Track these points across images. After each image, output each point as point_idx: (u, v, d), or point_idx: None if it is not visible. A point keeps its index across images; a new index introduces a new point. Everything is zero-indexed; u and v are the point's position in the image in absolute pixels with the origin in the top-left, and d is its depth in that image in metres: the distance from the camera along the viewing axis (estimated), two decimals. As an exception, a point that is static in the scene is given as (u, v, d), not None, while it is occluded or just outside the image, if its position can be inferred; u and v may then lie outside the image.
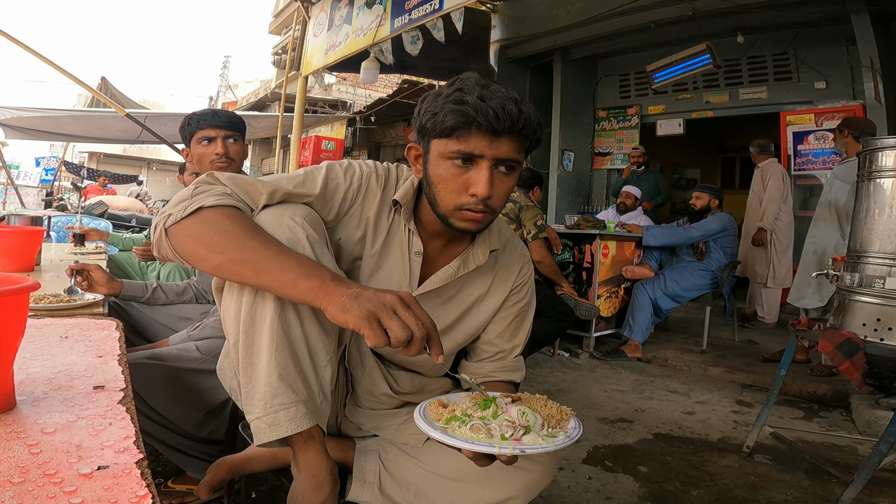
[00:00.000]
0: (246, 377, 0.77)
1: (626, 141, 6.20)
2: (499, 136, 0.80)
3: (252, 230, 0.76)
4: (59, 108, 9.32)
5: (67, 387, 0.67)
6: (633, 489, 1.79)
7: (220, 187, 0.81)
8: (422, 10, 3.71)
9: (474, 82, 0.82)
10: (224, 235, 0.75)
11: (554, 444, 0.70)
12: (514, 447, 0.69)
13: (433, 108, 0.83)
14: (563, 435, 0.74)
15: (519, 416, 0.74)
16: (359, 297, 0.68)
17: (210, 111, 1.71)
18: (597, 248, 3.58)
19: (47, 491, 0.43)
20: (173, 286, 1.69)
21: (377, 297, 0.68)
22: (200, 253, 0.75)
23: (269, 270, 0.72)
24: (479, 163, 0.82)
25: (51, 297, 1.23)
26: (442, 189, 0.85)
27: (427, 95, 0.87)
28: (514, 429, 0.72)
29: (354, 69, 4.99)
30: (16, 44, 4.14)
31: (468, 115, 0.78)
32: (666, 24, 4.86)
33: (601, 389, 2.89)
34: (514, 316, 1.05)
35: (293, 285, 0.71)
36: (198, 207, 0.76)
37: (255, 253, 0.72)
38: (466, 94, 0.80)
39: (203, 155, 1.67)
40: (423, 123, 0.84)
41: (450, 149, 0.82)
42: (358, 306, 0.67)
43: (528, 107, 0.82)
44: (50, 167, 12.64)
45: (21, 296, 0.57)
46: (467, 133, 0.80)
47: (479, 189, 0.82)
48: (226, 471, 0.96)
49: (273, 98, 11.22)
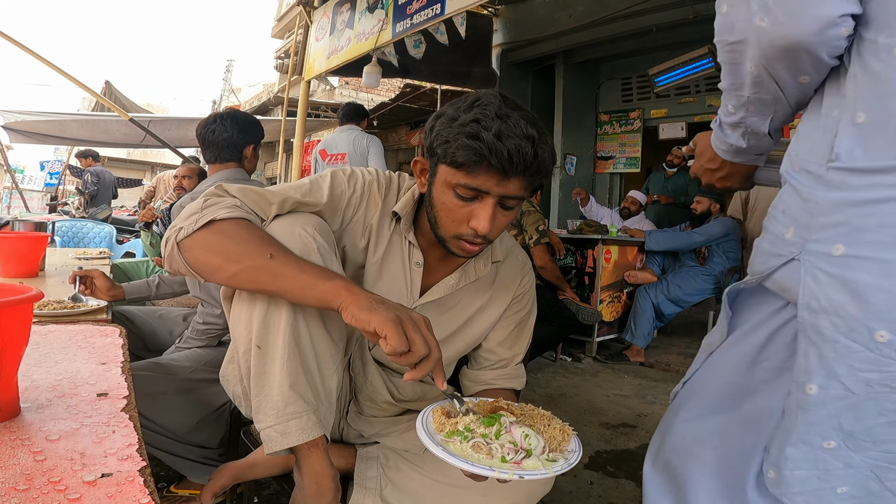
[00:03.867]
0: (258, 386, 0.77)
1: (629, 145, 6.19)
2: (508, 176, 0.79)
3: (266, 239, 0.77)
4: (64, 112, 9.36)
5: (71, 394, 0.68)
6: (635, 494, 1.79)
7: (230, 199, 0.82)
8: (423, 15, 3.73)
9: (494, 113, 0.77)
10: (240, 245, 0.75)
11: (553, 471, 0.70)
12: (512, 472, 0.68)
13: (446, 135, 0.79)
14: (563, 460, 0.73)
15: (522, 438, 0.74)
16: (386, 303, 0.71)
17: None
18: (599, 252, 3.58)
19: (52, 498, 0.44)
20: (176, 276, 1.70)
21: (405, 310, 0.72)
22: (216, 263, 0.76)
23: (287, 275, 0.73)
24: (483, 198, 0.81)
25: (55, 304, 1.24)
26: (443, 216, 0.85)
27: (442, 114, 0.83)
28: (515, 452, 0.72)
29: (357, 73, 5.00)
30: (21, 48, 4.17)
31: (481, 153, 0.76)
32: (668, 27, 4.86)
33: (603, 394, 2.89)
34: (515, 325, 1.06)
35: (312, 287, 0.72)
36: (209, 220, 0.77)
37: (274, 259, 0.74)
38: (483, 127, 0.76)
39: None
40: (433, 146, 0.82)
41: (457, 180, 0.80)
42: (386, 309, 0.70)
43: (543, 148, 0.79)
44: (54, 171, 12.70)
45: (25, 306, 0.58)
46: (477, 169, 0.78)
47: (479, 225, 0.82)
48: (228, 477, 0.97)
49: (276, 102, 11.26)
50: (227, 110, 1.76)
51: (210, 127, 1.64)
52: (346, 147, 3.90)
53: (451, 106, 0.83)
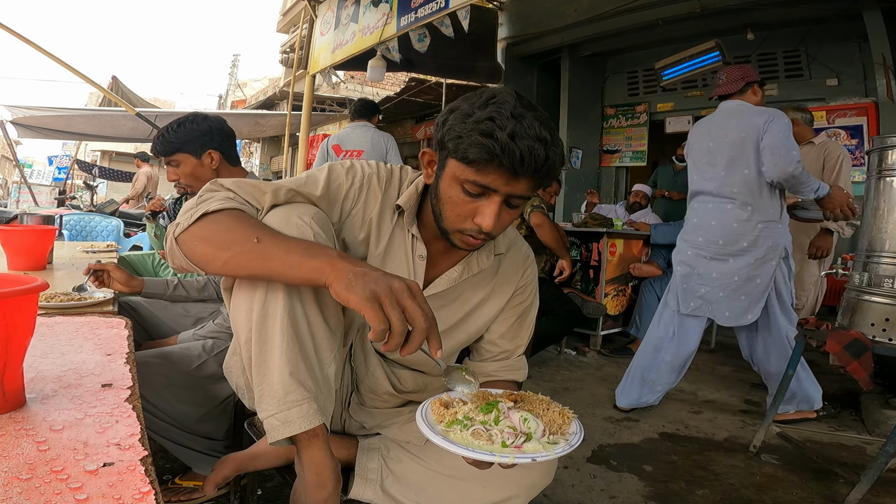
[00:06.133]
0: (259, 375, 0.77)
1: (635, 138, 6.16)
2: (518, 176, 0.79)
3: (255, 225, 0.77)
4: (71, 107, 9.42)
5: (76, 384, 0.69)
6: (638, 488, 1.79)
7: (224, 192, 0.83)
8: (428, 9, 3.71)
9: (509, 112, 0.77)
10: (230, 231, 0.76)
11: (554, 453, 0.70)
12: (514, 456, 0.69)
13: (459, 130, 0.79)
14: (564, 442, 0.74)
15: (521, 422, 0.74)
16: (365, 277, 0.67)
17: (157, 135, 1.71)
18: (604, 246, 3.57)
19: (53, 487, 0.44)
20: (193, 282, 1.71)
21: (385, 280, 0.68)
22: (210, 253, 0.77)
23: (274, 256, 0.72)
24: (490, 196, 0.82)
25: (62, 296, 1.25)
26: (449, 210, 0.86)
27: (456, 108, 0.83)
28: (515, 436, 0.72)
29: (361, 67, 4.99)
30: (28, 44, 4.20)
31: (493, 152, 0.76)
32: (674, 20, 4.81)
33: (608, 388, 2.89)
34: (516, 317, 1.06)
35: (299, 265, 0.71)
36: (203, 213, 0.78)
37: (261, 242, 0.73)
38: (497, 126, 0.76)
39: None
40: (445, 140, 0.83)
41: (466, 176, 0.81)
42: (363, 286, 0.66)
43: (555, 151, 0.79)
44: (63, 166, 12.78)
45: (30, 296, 0.59)
46: (487, 167, 0.79)
47: (484, 222, 0.82)
48: (231, 468, 0.98)
49: (282, 96, 11.26)
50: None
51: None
52: (364, 145, 3.89)
53: (465, 101, 0.83)
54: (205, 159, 1.70)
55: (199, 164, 1.70)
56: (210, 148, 1.70)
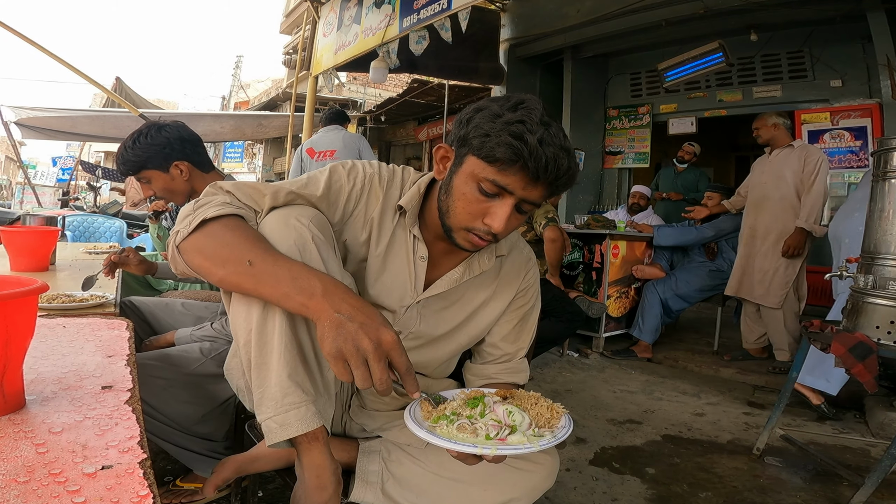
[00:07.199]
0: (258, 378, 0.77)
1: (638, 140, 6.15)
2: (537, 182, 0.80)
3: (252, 240, 0.76)
4: (75, 108, 9.46)
5: (76, 386, 0.68)
6: (640, 491, 1.78)
7: (222, 196, 0.83)
8: (430, 10, 3.72)
9: (538, 118, 0.79)
10: (226, 248, 0.76)
11: (538, 445, 0.70)
12: (496, 447, 0.69)
13: (488, 129, 0.80)
14: (550, 434, 0.74)
15: (505, 415, 0.75)
16: (340, 328, 0.68)
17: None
18: (607, 247, 3.56)
19: (51, 490, 0.44)
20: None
21: (356, 337, 0.67)
22: (207, 267, 0.77)
23: (266, 283, 0.73)
24: (505, 197, 0.82)
25: (63, 297, 1.25)
26: (460, 207, 0.85)
27: (484, 108, 0.83)
28: (499, 428, 0.73)
29: (364, 69, 5.00)
30: (32, 45, 4.21)
31: (522, 154, 0.77)
32: (677, 21, 4.80)
33: (610, 390, 2.88)
34: (518, 319, 1.06)
35: (287, 298, 0.72)
36: (201, 221, 0.77)
37: (253, 266, 0.73)
38: (528, 130, 0.77)
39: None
40: (469, 137, 0.83)
41: (486, 175, 0.81)
42: (332, 339, 0.67)
43: (575, 163, 0.82)
44: (66, 167, 12.84)
45: (30, 298, 0.58)
46: (510, 168, 0.79)
47: (494, 223, 0.83)
48: (231, 470, 0.97)
49: (285, 97, 11.29)
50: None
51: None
52: (336, 144, 4.03)
53: (493, 102, 0.84)
54: (173, 171, 1.61)
55: (168, 177, 1.62)
56: (175, 160, 1.60)
